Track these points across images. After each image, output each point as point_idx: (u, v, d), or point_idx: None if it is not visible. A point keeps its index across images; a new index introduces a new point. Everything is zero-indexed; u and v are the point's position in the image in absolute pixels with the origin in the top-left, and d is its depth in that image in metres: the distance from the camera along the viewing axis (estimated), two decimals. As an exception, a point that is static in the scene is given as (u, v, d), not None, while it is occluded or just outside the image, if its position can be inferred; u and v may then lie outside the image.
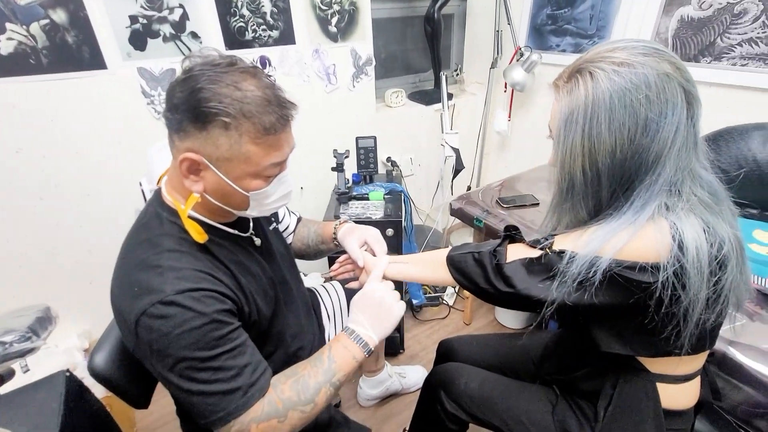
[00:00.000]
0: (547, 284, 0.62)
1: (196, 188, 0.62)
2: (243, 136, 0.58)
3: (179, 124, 0.58)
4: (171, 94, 0.58)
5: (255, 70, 0.60)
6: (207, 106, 0.55)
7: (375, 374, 1.41)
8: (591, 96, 0.56)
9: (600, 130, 0.56)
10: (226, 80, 0.56)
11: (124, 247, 0.66)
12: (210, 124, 0.56)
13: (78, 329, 1.49)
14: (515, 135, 2.12)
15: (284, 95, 0.62)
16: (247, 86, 0.57)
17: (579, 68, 0.58)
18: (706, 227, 0.56)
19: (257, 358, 0.65)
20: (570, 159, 0.60)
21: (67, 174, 1.34)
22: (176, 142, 0.60)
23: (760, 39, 1.20)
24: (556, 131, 0.61)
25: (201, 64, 0.58)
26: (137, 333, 0.57)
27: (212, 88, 0.55)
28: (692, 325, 0.57)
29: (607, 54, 0.57)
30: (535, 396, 0.84)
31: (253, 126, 0.57)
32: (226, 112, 0.55)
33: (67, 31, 1.18)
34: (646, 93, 0.54)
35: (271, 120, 0.58)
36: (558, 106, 0.60)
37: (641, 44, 0.57)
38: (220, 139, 0.57)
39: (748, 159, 1.14)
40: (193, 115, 0.56)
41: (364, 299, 0.76)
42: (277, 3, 1.46)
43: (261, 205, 0.67)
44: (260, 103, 0.57)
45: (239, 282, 0.67)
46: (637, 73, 0.54)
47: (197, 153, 0.58)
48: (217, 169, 0.60)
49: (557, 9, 1.71)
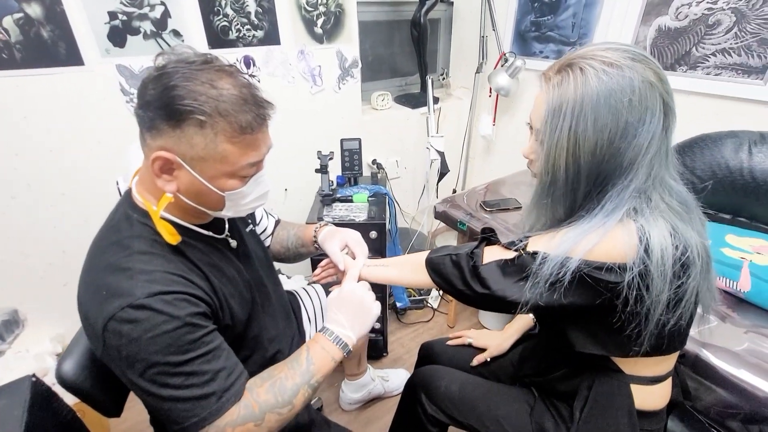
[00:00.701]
0: (520, 285, 0.63)
1: (168, 188, 0.60)
2: (219, 135, 0.56)
3: (151, 121, 0.56)
4: (143, 91, 0.57)
5: (231, 69, 0.59)
6: (181, 103, 0.54)
7: (357, 378, 1.40)
8: (581, 92, 0.56)
9: (586, 127, 0.57)
10: (201, 78, 0.55)
11: (92, 249, 0.64)
12: (184, 123, 0.55)
13: (51, 333, 1.44)
14: (500, 139, 2.14)
15: (261, 94, 0.61)
16: (222, 84, 0.56)
17: (570, 62, 0.59)
18: (673, 231, 0.58)
19: (232, 362, 0.64)
20: (555, 152, 0.60)
21: (41, 172, 1.30)
22: (148, 140, 0.58)
23: (732, 49, 1.24)
24: (541, 122, 0.61)
25: (175, 61, 0.56)
26: (104, 339, 0.55)
27: (187, 86, 0.54)
28: (652, 326, 0.59)
29: (598, 52, 0.58)
30: (513, 398, 0.85)
31: (229, 125, 0.56)
32: (201, 110, 0.54)
33: (42, 26, 1.15)
34: (630, 97, 0.55)
35: (247, 119, 0.57)
36: (545, 97, 0.60)
37: (632, 49, 0.58)
38: (195, 137, 0.56)
39: (722, 166, 1.18)
40: (166, 113, 0.55)
41: (342, 299, 0.76)
42: (262, 3, 1.45)
43: (237, 206, 0.66)
44: (236, 101, 0.56)
45: (213, 285, 0.66)
46: (624, 76, 0.55)
47: (170, 152, 0.57)
48: (192, 169, 0.59)
49: (541, 16, 1.74)
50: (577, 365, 0.75)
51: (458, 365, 1.01)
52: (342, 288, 0.78)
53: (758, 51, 1.19)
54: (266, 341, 0.81)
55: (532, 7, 1.76)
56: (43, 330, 1.43)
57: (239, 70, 0.60)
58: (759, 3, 1.16)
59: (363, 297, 0.76)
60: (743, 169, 1.14)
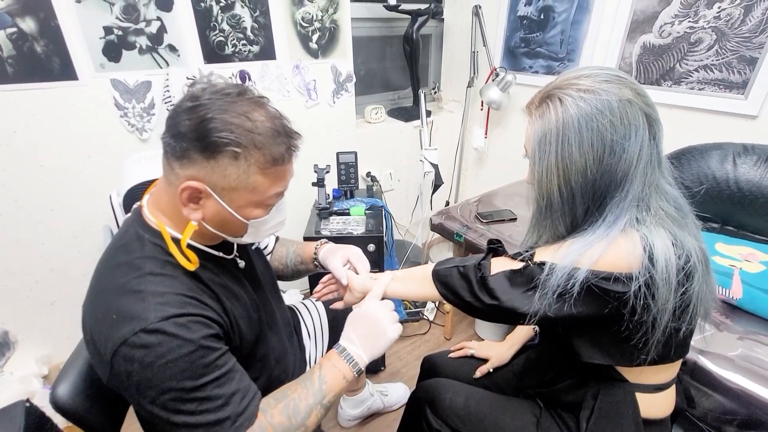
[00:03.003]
0: (529, 295, 0.64)
1: (194, 216, 0.60)
2: (252, 167, 0.57)
3: (184, 151, 0.56)
4: (175, 121, 0.56)
5: (262, 101, 0.60)
6: (218, 135, 0.54)
7: (356, 393, 1.38)
8: (561, 120, 0.59)
9: (571, 152, 0.59)
10: (237, 110, 0.56)
11: (100, 269, 0.62)
12: (219, 154, 0.55)
13: (36, 354, 1.39)
14: (492, 151, 2.18)
15: (290, 125, 0.62)
16: (257, 117, 0.57)
17: (549, 94, 0.62)
18: (674, 240, 0.59)
19: (245, 384, 0.62)
20: (546, 179, 0.63)
21: (29, 188, 1.27)
22: (177, 169, 0.58)
23: (714, 66, 1.30)
24: (531, 152, 0.65)
25: (210, 92, 0.57)
26: (113, 364, 0.54)
27: (223, 118, 0.55)
28: (659, 333, 0.60)
29: (573, 81, 0.61)
30: (519, 410, 0.84)
31: (263, 156, 0.57)
32: (237, 143, 0.55)
33: (36, 41, 1.14)
34: (610, 118, 0.58)
35: (280, 151, 0.59)
36: (532, 129, 0.64)
37: (605, 72, 0.61)
38: (228, 168, 0.56)
39: (708, 176, 1.22)
40: (201, 144, 0.55)
41: (359, 317, 0.75)
42: (258, 19, 1.47)
43: (257, 232, 0.67)
44: (270, 134, 0.58)
45: (224, 306, 0.65)
46: (601, 99, 0.58)
47: (201, 181, 0.57)
48: (221, 199, 0.59)
49: (530, 33, 1.79)
50: (582, 375, 0.75)
51: (461, 377, 1.00)
52: (361, 305, 0.78)
53: (738, 67, 1.25)
54: (273, 361, 0.79)
55: (521, 25, 1.81)
56: (28, 351, 1.38)
57: (269, 101, 0.61)
58: (737, 23, 1.22)
59: (379, 317, 0.74)
60: (729, 180, 1.18)
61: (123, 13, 1.23)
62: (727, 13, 1.23)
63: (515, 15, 1.82)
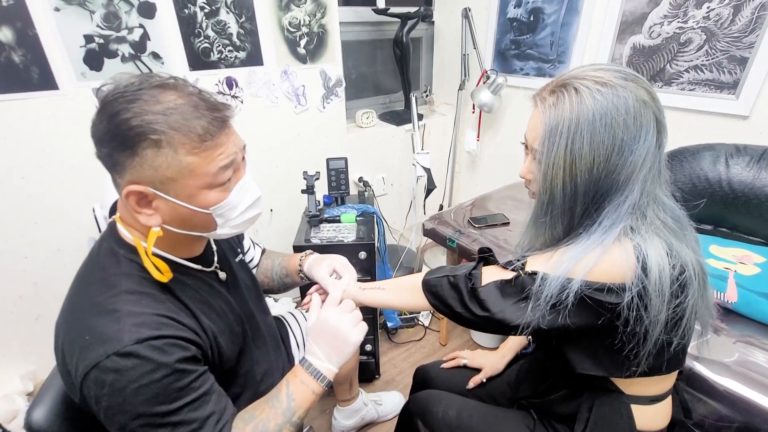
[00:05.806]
0: (520, 306, 0.62)
1: (153, 222, 0.56)
2: (178, 150, 0.53)
3: (109, 157, 0.53)
4: (93, 130, 0.53)
5: (176, 82, 0.55)
6: (129, 127, 0.50)
7: (349, 403, 1.35)
8: (576, 111, 0.57)
9: (582, 146, 0.57)
10: (144, 97, 0.52)
11: (74, 286, 0.60)
12: (140, 147, 0.51)
13: (21, 371, 1.36)
14: (484, 154, 2.16)
15: (214, 98, 0.57)
16: (166, 98, 0.53)
17: (564, 83, 0.59)
18: (669, 250, 0.58)
19: (222, 406, 0.60)
20: (553, 171, 0.60)
21: (10, 200, 1.24)
22: (117, 179, 0.55)
23: (704, 66, 1.29)
24: (538, 142, 0.61)
25: (114, 91, 0.53)
26: (82, 387, 0.51)
27: (130, 108, 0.51)
28: (650, 345, 0.58)
29: (591, 73, 0.59)
30: (513, 422, 0.82)
31: (185, 136, 0.52)
32: (152, 129, 0.51)
33: (13, 50, 1.11)
34: (624, 117, 0.56)
35: (203, 125, 0.53)
36: (541, 117, 0.60)
37: (622, 69, 0.59)
38: (155, 159, 0.52)
39: (701, 178, 1.21)
40: (118, 143, 0.52)
41: (317, 328, 0.72)
42: (244, 24, 1.44)
43: (230, 220, 0.62)
44: (186, 110, 0.53)
45: (201, 324, 0.62)
46: (618, 95, 0.56)
47: (139, 183, 0.54)
48: (166, 194, 0.55)
49: (520, 35, 1.78)
50: (576, 386, 0.73)
51: (454, 388, 0.98)
52: (319, 315, 0.74)
53: (728, 67, 1.24)
54: (258, 375, 0.77)
55: (511, 27, 1.80)
56: (11, 368, 1.34)
57: (186, 81, 0.57)
58: (727, 22, 1.21)
59: (338, 325, 0.71)
60: (722, 181, 1.17)
61: (104, 20, 1.21)
62: (716, 13, 1.22)
63: (505, 17, 1.81)
